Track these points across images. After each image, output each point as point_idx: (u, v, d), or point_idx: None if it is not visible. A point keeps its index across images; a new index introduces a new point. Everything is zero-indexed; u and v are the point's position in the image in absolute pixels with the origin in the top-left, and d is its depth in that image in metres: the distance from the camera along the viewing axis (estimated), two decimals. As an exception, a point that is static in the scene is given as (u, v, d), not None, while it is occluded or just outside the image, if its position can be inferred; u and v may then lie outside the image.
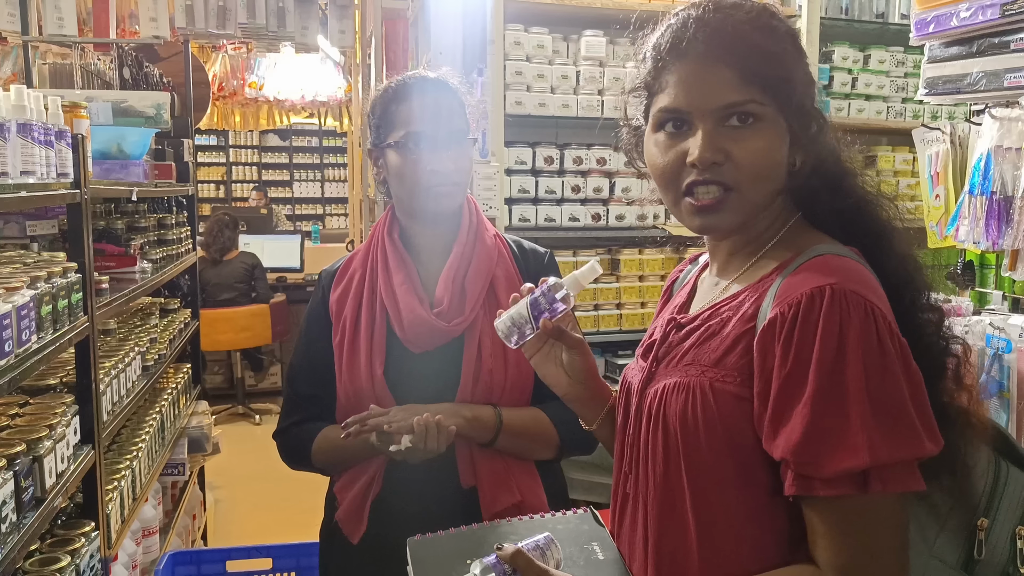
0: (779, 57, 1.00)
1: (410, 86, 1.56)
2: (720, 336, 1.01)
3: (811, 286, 0.93)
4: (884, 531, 0.90)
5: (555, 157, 2.98)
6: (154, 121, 3.17)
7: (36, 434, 1.71)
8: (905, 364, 0.91)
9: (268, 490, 4.64)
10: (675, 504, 1.01)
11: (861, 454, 0.87)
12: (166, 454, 2.98)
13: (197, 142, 9.38)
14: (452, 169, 1.53)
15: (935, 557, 0.96)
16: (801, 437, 0.90)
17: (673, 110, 1.01)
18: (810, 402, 0.90)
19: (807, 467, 0.90)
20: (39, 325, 1.69)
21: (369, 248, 1.64)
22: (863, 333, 0.89)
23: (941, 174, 2.00)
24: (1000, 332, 1.68)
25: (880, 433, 0.88)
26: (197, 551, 2.55)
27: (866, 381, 0.89)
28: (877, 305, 0.92)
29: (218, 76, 8.19)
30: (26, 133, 1.68)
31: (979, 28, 1.85)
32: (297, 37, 4.28)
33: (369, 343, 1.54)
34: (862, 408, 0.88)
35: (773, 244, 1.05)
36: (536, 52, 2.93)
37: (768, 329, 0.94)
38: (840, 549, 0.91)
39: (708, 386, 0.98)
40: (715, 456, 0.97)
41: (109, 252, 2.64)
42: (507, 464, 1.53)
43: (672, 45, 1.01)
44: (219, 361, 6.60)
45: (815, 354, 0.90)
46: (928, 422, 0.91)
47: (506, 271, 1.60)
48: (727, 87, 0.98)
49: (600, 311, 3.03)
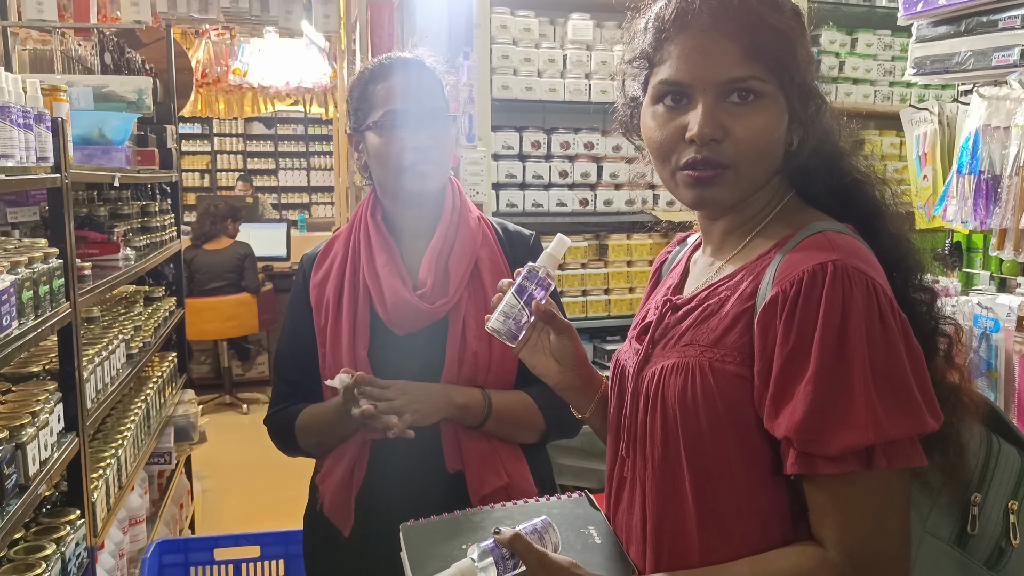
0: (784, 34, 0.98)
1: (387, 67, 1.55)
2: (719, 316, 1.00)
3: (813, 263, 0.92)
4: (889, 507, 0.91)
5: (542, 142, 2.96)
6: (136, 106, 3.13)
7: (18, 421, 1.69)
8: (907, 340, 0.91)
9: (256, 479, 4.63)
10: (675, 486, 1.00)
11: (866, 431, 0.87)
12: (152, 443, 2.97)
13: (181, 130, 9.33)
14: (431, 146, 1.51)
15: (928, 533, 0.96)
16: (804, 415, 0.89)
17: (674, 83, 0.99)
18: (813, 379, 0.89)
19: (810, 444, 0.90)
20: (20, 311, 1.67)
21: (351, 230, 1.62)
22: (866, 309, 0.89)
23: (929, 154, 2.00)
24: (988, 312, 1.69)
25: (884, 409, 0.87)
26: (185, 539, 2.54)
27: (870, 357, 0.88)
28: (878, 281, 0.91)
29: (201, 63, 8.12)
30: (4, 115, 1.65)
31: (967, 7, 1.85)
32: (281, 22, 4.25)
33: (352, 325, 1.53)
34: (866, 385, 0.88)
35: (769, 222, 1.04)
36: (523, 36, 2.91)
37: (769, 307, 0.93)
38: (846, 527, 0.90)
39: (707, 366, 0.97)
40: (715, 437, 0.96)
41: (92, 239, 2.61)
42: (493, 447, 1.53)
43: (676, 16, 0.99)
44: (206, 351, 6.57)
45: (818, 331, 0.89)
46: (929, 397, 0.91)
47: (490, 253, 1.59)
48: (731, 62, 0.96)
49: (588, 296, 3.03)
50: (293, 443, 1.61)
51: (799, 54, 1.00)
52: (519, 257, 1.61)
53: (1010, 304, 1.66)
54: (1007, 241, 1.71)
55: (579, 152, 3.00)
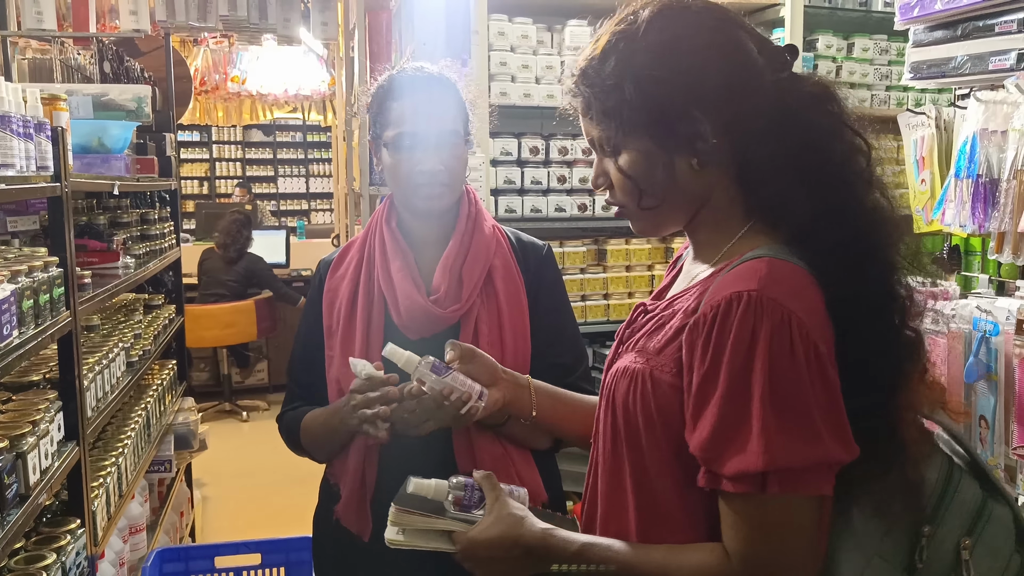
0: (611, 87, 1.04)
1: (407, 83, 1.56)
2: (667, 327, 1.04)
3: (731, 291, 0.95)
4: (787, 529, 0.94)
5: (541, 147, 2.97)
6: (135, 115, 3.13)
7: (19, 430, 1.69)
8: (820, 372, 0.93)
9: (256, 486, 4.62)
10: (620, 479, 1.07)
11: (757, 457, 0.91)
12: (152, 451, 2.96)
13: (180, 138, 9.33)
14: (441, 170, 1.53)
15: (879, 556, 0.97)
16: (708, 435, 0.95)
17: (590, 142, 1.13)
18: (718, 403, 0.94)
19: (712, 463, 0.95)
20: (20, 320, 1.67)
21: (367, 236, 1.64)
22: (774, 341, 0.92)
23: (927, 158, 2.00)
24: (987, 315, 1.69)
25: (779, 438, 0.91)
26: (185, 547, 2.54)
27: (771, 388, 0.91)
28: (796, 313, 0.93)
29: (200, 70, 8.13)
30: (4, 125, 1.65)
31: (963, 11, 1.85)
32: (279, 29, 4.26)
33: (366, 328, 1.54)
34: (764, 413, 0.91)
35: (736, 241, 1.05)
36: (520, 42, 2.92)
37: (693, 328, 0.98)
38: (745, 541, 0.95)
39: (648, 374, 1.03)
40: (652, 440, 1.02)
41: (91, 247, 2.61)
42: (507, 451, 1.52)
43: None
44: (206, 358, 6.56)
45: (726, 358, 0.94)
46: (838, 429, 0.93)
47: (504, 261, 1.60)
48: (588, 126, 1.10)
49: (587, 302, 3.03)
50: (299, 444, 1.62)
51: (627, 96, 1.03)
52: (531, 267, 1.63)
53: (1009, 307, 1.66)
54: (1005, 244, 1.71)
55: (577, 157, 3.00)
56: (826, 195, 1.00)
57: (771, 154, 1.01)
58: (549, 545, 1.09)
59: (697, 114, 1.01)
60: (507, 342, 1.53)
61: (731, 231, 1.06)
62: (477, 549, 1.14)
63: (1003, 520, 1.00)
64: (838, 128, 1.04)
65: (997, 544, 0.99)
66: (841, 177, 1.01)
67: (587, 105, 1.08)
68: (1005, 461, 1.67)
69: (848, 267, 0.98)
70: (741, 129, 1.02)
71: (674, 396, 1.00)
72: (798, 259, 0.99)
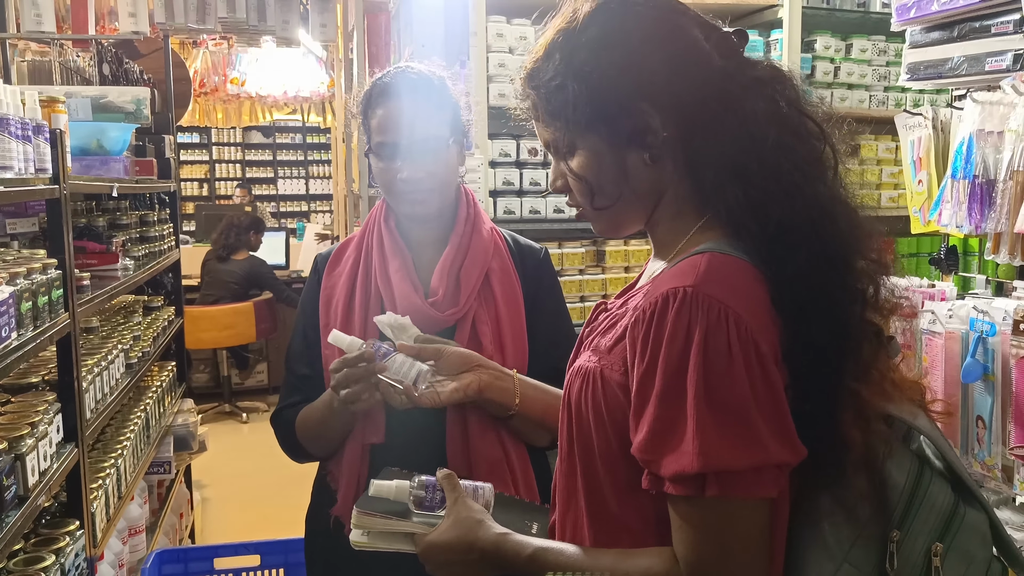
0: (556, 87, 1.02)
1: (387, 89, 1.54)
2: (618, 325, 1.02)
3: (668, 287, 0.92)
4: (735, 533, 0.90)
5: (539, 149, 2.97)
6: (134, 116, 3.13)
7: (18, 432, 1.69)
8: (761, 371, 0.89)
9: (256, 488, 4.62)
10: (573, 481, 1.05)
11: (693, 458, 0.88)
12: (151, 452, 2.96)
13: (180, 140, 9.33)
14: (423, 177, 1.52)
15: (848, 563, 0.93)
16: (646, 436, 0.92)
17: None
18: (655, 403, 0.91)
19: (651, 465, 0.92)
20: (19, 322, 1.67)
21: (364, 234, 1.64)
22: (709, 338, 0.89)
23: (924, 159, 2.00)
24: (984, 315, 1.69)
25: (716, 439, 0.87)
26: (184, 549, 2.54)
27: (706, 387, 0.88)
28: (733, 309, 0.90)
29: (199, 72, 8.13)
30: (3, 128, 1.66)
31: (959, 12, 1.86)
32: (278, 31, 4.26)
33: (363, 327, 1.54)
34: (699, 413, 0.88)
35: (690, 237, 1.02)
36: (519, 44, 2.92)
37: (634, 325, 0.95)
38: (690, 545, 0.92)
39: (599, 372, 1.00)
40: (602, 441, 0.99)
41: (90, 249, 2.61)
42: (504, 452, 1.52)
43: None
44: (205, 360, 6.57)
45: (662, 355, 0.91)
46: (780, 430, 0.89)
47: (502, 264, 1.60)
48: (540, 130, 1.09)
49: (586, 302, 3.03)
50: (295, 442, 1.61)
51: (570, 94, 1.01)
52: (529, 271, 1.63)
53: (1006, 308, 1.66)
54: (1002, 245, 1.72)
55: (576, 159, 3.00)
56: (759, 184, 0.95)
57: (709, 143, 0.97)
58: (502, 551, 1.07)
59: (645, 107, 0.98)
60: (507, 344, 1.53)
61: (687, 227, 1.02)
62: (435, 552, 1.13)
63: (977, 526, 0.96)
64: (777, 113, 0.98)
65: (970, 550, 0.95)
66: (775, 164, 0.96)
67: (535, 108, 1.06)
68: (1002, 461, 1.67)
69: (782, 257, 0.94)
70: (688, 119, 0.98)
71: (623, 395, 0.97)
72: (743, 253, 0.95)
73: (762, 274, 0.95)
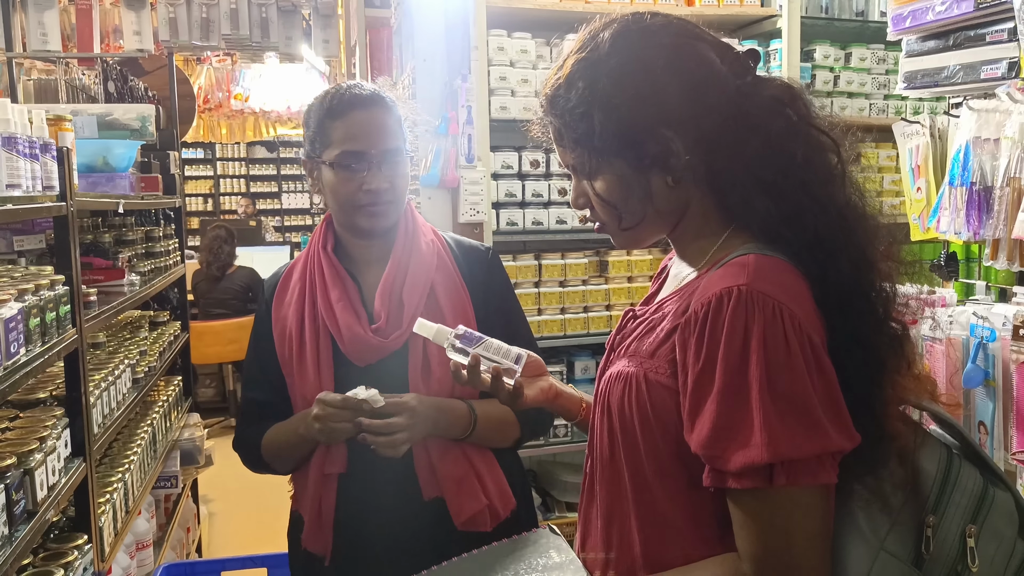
0: (580, 116, 1.05)
1: (347, 102, 1.54)
2: (658, 329, 1.05)
3: (721, 287, 0.96)
4: (798, 522, 0.93)
5: (541, 160, 2.99)
6: (139, 133, 3.16)
7: (26, 447, 1.71)
8: (817, 362, 0.93)
9: (262, 501, 4.61)
10: (620, 487, 1.06)
11: (762, 450, 0.90)
12: (158, 467, 2.98)
13: (184, 156, 9.38)
14: (386, 188, 1.53)
15: (886, 551, 0.97)
16: (709, 433, 0.94)
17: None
18: (716, 399, 0.94)
19: (716, 461, 0.94)
20: (27, 338, 1.69)
21: (306, 261, 1.63)
22: (768, 333, 0.92)
23: (922, 167, 2.02)
24: (984, 321, 1.70)
25: (781, 429, 0.90)
26: (191, 562, 2.55)
27: (768, 380, 0.91)
28: (787, 305, 0.94)
29: (203, 88, 8.19)
30: (11, 146, 1.68)
31: (954, 21, 1.87)
32: (281, 47, 4.28)
33: (316, 359, 1.55)
34: (763, 406, 0.91)
35: (721, 244, 1.06)
36: (520, 57, 2.95)
37: (685, 326, 0.98)
38: (755, 539, 0.94)
39: (643, 376, 1.03)
40: (649, 444, 1.02)
41: (97, 265, 2.63)
42: (470, 468, 1.53)
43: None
44: (211, 374, 6.58)
45: (720, 353, 0.94)
46: (838, 418, 0.93)
47: (446, 276, 1.59)
48: (563, 153, 1.12)
49: (590, 313, 3.04)
50: (259, 458, 1.62)
51: (597, 118, 1.04)
52: (477, 275, 1.62)
53: (1006, 313, 1.68)
54: (1000, 251, 1.73)
55: (578, 170, 3.02)
56: (790, 197, 1.01)
57: (732, 162, 1.02)
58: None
59: (667, 132, 1.02)
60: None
61: (714, 236, 1.07)
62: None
63: (1005, 505, 1.00)
64: (797, 129, 1.03)
65: (1000, 528, 0.99)
66: (803, 178, 1.01)
67: (559, 134, 1.10)
68: (1005, 466, 1.68)
69: (821, 262, 0.99)
70: (708, 140, 1.02)
71: (669, 397, 1.00)
72: (782, 255, 1.00)
73: (803, 274, 0.99)
